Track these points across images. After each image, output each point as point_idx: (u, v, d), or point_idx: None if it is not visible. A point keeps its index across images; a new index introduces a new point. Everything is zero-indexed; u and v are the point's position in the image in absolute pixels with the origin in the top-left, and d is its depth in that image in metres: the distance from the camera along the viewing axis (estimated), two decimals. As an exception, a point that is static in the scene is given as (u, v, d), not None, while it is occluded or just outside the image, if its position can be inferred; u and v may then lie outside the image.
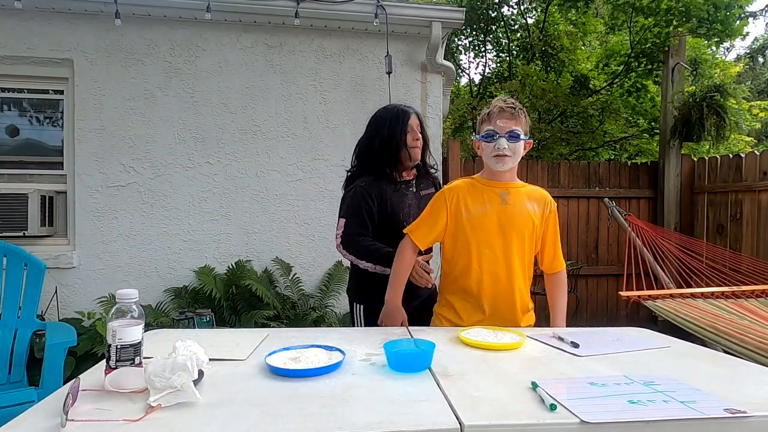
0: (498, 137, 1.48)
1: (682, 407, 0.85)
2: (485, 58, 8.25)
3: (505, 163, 1.51)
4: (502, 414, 0.83)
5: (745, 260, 3.57)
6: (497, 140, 1.48)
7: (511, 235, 1.54)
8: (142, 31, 3.43)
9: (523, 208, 1.56)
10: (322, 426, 0.77)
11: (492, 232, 1.53)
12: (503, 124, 1.49)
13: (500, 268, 1.54)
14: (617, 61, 6.88)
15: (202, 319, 2.72)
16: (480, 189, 1.57)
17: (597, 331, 1.46)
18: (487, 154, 1.52)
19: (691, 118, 4.51)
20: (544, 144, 7.10)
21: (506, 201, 1.54)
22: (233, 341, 1.29)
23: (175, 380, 0.85)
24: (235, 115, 3.55)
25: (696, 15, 4.96)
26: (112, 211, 3.39)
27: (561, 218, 5.21)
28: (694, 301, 2.57)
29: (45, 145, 3.50)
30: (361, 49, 3.69)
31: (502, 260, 1.54)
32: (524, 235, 1.56)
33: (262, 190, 3.58)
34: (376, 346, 1.24)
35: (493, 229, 1.53)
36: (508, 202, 1.54)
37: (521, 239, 1.55)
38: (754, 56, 11.86)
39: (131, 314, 0.97)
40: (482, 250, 1.54)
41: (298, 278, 3.53)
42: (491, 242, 1.53)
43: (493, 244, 1.53)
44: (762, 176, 4.07)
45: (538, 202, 1.59)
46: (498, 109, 1.51)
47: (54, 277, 3.24)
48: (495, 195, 1.55)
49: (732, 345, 2.02)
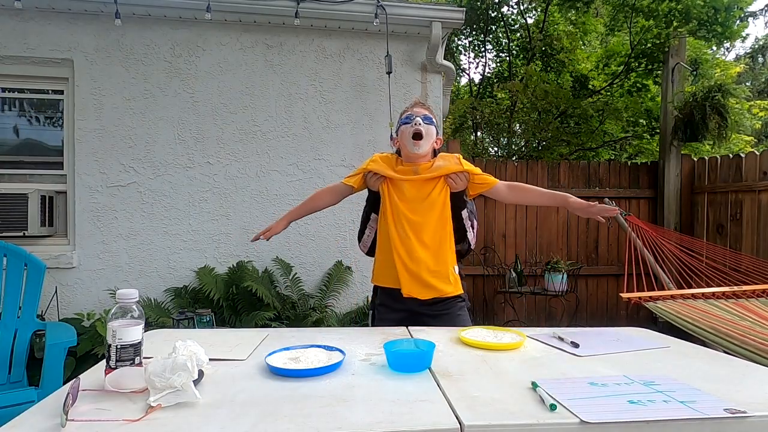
0: (414, 117, 1.68)
1: (682, 407, 0.85)
2: (485, 58, 8.25)
3: (420, 146, 1.66)
4: (502, 414, 0.83)
5: (746, 260, 3.57)
6: (413, 119, 1.67)
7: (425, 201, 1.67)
8: (142, 31, 3.43)
9: (432, 167, 1.69)
10: (322, 426, 0.77)
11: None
12: (417, 110, 1.73)
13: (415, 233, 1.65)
14: (617, 61, 6.88)
15: (202, 320, 2.72)
16: (394, 161, 1.74)
17: (597, 331, 1.46)
18: (406, 136, 1.67)
19: (694, 118, 4.51)
20: (544, 144, 7.10)
21: (417, 172, 1.68)
22: (233, 341, 1.29)
23: (175, 380, 0.85)
24: (235, 115, 3.55)
25: (696, 17, 4.96)
26: (112, 211, 3.39)
27: (561, 218, 5.23)
28: (695, 301, 2.57)
29: (45, 145, 3.50)
30: (361, 49, 3.69)
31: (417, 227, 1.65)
32: (438, 199, 1.67)
33: (262, 190, 3.58)
34: (376, 346, 1.24)
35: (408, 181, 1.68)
36: (419, 172, 1.68)
37: (436, 204, 1.67)
38: (754, 56, 11.85)
39: (131, 314, 0.97)
40: (399, 217, 1.67)
41: (298, 278, 3.53)
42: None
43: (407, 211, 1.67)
44: (762, 176, 4.07)
45: (443, 159, 1.73)
46: (414, 101, 1.82)
47: (54, 277, 3.24)
48: (408, 170, 1.69)
49: (732, 346, 2.02)
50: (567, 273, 4.04)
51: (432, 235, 1.64)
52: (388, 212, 1.67)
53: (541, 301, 4.64)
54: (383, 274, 1.70)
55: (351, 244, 3.65)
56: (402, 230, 1.64)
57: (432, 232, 1.64)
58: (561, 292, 3.98)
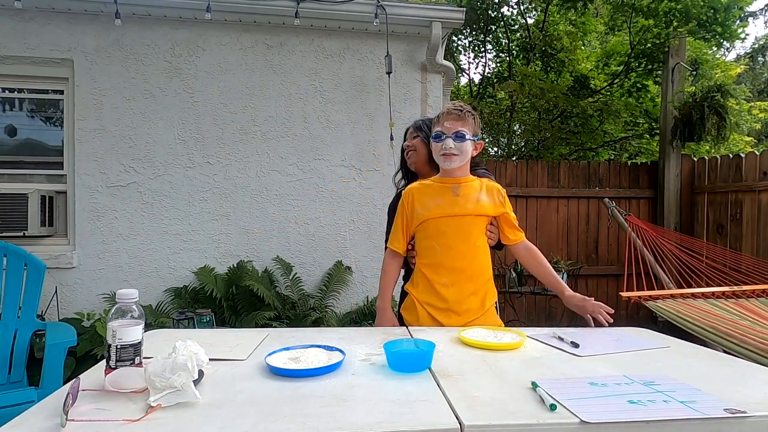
0: (445, 137, 1.58)
1: (682, 407, 0.85)
2: (485, 58, 8.25)
3: (453, 162, 1.59)
4: (502, 414, 0.83)
5: (746, 260, 3.57)
6: (444, 140, 1.58)
7: (464, 224, 1.62)
8: (142, 31, 3.43)
9: (474, 198, 1.63)
10: (322, 426, 0.77)
11: (447, 223, 1.62)
12: (450, 125, 1.59)
13: (456, 255, 1.61)
14: (617, 60, 6.88)
15: (202, 320, 2.72)
16: (432, 187, 1.66)
17: (597, 331, 1.46)
18: (436, 153, 1.62)
19: (693, 119, 4.52)
20: (544, 144, 7.10)
21: (457, 193, 1.62)
22: (233, 341, 1.29)
23: (175, 380, 0.85)
24: (235, 115, 3.55)
25: (695, 17, 4.97)
26: (112, 211, 3.39)
27: (561, 218, 5.24)
28: (695, 301, 2.57)
29: (45, 145, 3.50)
30: (361, 49, 3.69)
31: (458, 247, 1.61)
32: (477, 223, 1.63)
33: (262, 190, 3.58)
34: (376, 346, 1.24)
35: (448, 219, 1.62)
36: (459, 194, 1.62)
37: (475, 227, 1.63)
38: (754, 56, 11.84)
39: (131, 314, 0.97)
40: (440, 240, 1.62)
41: (298, 278, 3.53)
42: (447, 231, 1.62)
43: (448, 233, 1.62)
44: (762, 176, 4.07)
45: (488, 192, 1.66)
46: (446, 111, 1.62)
47: (54, 277, 3.24)
48: (447, 190, 1.63)
49: (732, 345, 2.02)
50: (567, 273, 4.04)
51: (472, 270, 1.62)
52: (426, 253, 1.63)
53: (541, 301, 4.64)
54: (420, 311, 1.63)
55: (351, 244, 3.65)
56: (442, 270, 1.61)
57: (473, 269, 1.63)
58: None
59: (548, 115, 6.87)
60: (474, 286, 1.62)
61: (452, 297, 1.59)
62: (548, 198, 4.89)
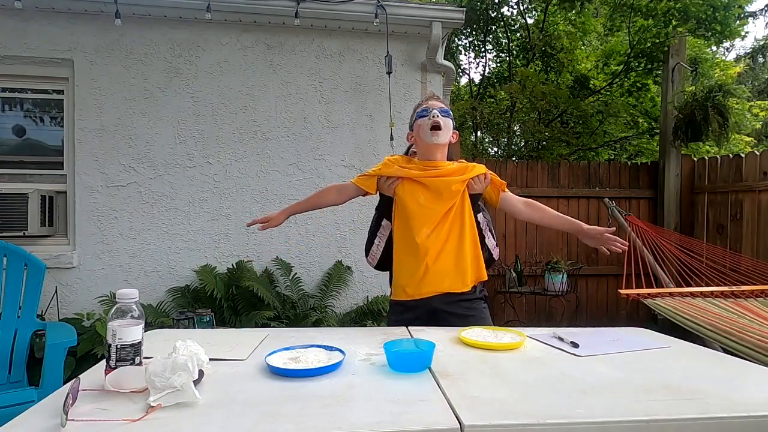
0: (432, 110, 1.64)
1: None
2: (485, 59, 8.26)
3: (440, 136, 1.62)
4: (502, 414, 0.83)
5: (745, 260, 3.57)
6: (431, 112, 1.63)
7: (445, 204, 1.61)
8: (142, 31, 3.43)
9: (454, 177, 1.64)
10: (322, 426, 0.77)
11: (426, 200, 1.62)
12: (434, 103, 1.69)
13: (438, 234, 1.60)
14: (617, 60, 6.88)
15: (202, 319, 2.72)
16: (410, 162, 1.69)
17: (597, 331, 1.46)
18: (424, 128, 1.63)
19: (695, 118, 4.51)
20: (544, 144, 7.11)
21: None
22: (233, 341, 1.29)
23: (175, 380, 0.85)
24: (235, 115, 3.55)
25: (694, 16, 4.96)
26: (112, 211, 3.39)
27: (561, 218, 5.18)
28: (694, 299, 2.57)
29: (45, 145, 3.50)
30: (361, 49, 3.69)
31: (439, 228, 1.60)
32: (458, 202, 1.62)
33: (262, 190, 3.58)
34: (376, 346, 1.24)
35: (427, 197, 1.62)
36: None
37: (455, 206, 1.62)
38: (754, 56, 11.83)
39: (131, 314, 0.97)
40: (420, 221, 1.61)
41: (298, 278, 3.53)
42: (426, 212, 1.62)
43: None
44: (762, 176, 4.07)
45: (467, 171, 1.66)
46: (427, 96, 1.77)
47: (54, 277, 3.24)
48: (426, 169, 1.65)
49: (731, 343, 2.02)
50: (567, 273, 4.04)
51: (453, 234, 1.60)
52: (407, 213, 1.60)
53: (541, 301, 4.64)
54: (406, 283, 1.60)
55: (351, 244, 3.65)
56: (420, 230, 1.58)
57: (453, 232, 1.60)
58: (561, 292, 3.97)
59: (548, 116, 6.87)
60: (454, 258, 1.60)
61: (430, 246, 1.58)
62: (548, 198, 4.88)
